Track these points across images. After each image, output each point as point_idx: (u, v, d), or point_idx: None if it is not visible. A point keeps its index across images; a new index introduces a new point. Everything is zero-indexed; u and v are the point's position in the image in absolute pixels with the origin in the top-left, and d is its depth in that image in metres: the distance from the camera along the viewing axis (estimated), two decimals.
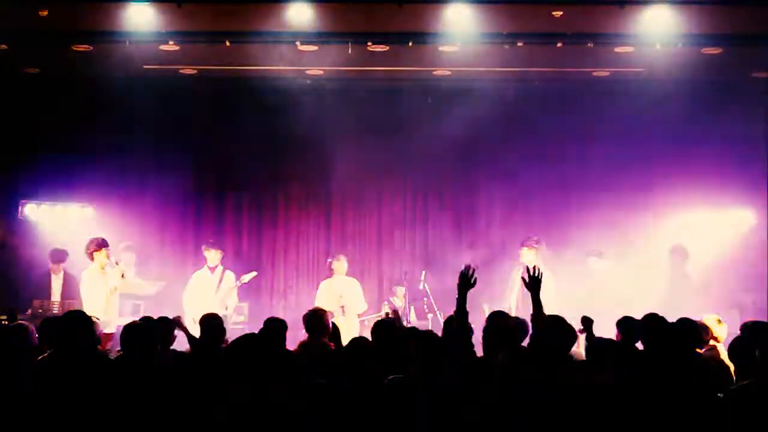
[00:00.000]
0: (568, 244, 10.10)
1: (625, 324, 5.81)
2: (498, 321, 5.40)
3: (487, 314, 5.63)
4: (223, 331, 6.11)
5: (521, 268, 9.14)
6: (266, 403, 4.24)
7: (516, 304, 9.08)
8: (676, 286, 9.32)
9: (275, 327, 5.92)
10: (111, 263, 8.87)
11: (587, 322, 5.82)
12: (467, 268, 5.21)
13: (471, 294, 5.23)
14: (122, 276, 8.86)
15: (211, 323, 6.13)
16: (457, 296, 5.20)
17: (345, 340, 5.65)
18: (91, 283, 8.78)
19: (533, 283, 5.27)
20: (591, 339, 5.55)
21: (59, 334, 5.21)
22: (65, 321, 5.35)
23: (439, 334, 5.47)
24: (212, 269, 9.75)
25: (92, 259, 8.82)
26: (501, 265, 10.06)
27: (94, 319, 5.86)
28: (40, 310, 8.58)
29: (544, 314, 5.14)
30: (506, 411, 4.52)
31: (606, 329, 5.94)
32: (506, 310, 6.98)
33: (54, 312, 8.47)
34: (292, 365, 4.80)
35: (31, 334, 5.34)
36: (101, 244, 8.82)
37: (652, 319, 5.71)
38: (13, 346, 5.19)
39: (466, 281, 5.19)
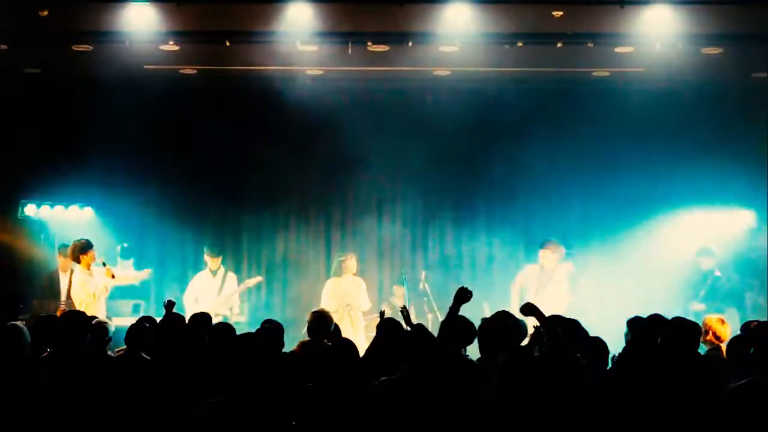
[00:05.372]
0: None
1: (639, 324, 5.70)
2: (494, 322, 5.50)
3: (487, 313, 5.64)
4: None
5: (530, 268, 9.26)
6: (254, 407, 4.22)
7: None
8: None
9: (272, 329, 5.85)
10: (98, 263, 8.86)
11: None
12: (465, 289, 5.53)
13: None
14: (112, 276, 8.84)
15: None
16: (451, 306, 5.45)
17: (354, 340, 5.62)
18: (80, 284, 8.77)
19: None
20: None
21: (58, 334, 5.21)
22: (65, 320, 5.36)
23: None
24: (213, 271, 9.76)
25: (79, 261, 8.82)
26: (502, 265, 10.03)
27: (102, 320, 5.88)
28: (41, 311, 8.55)
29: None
30: (503, 412, 4.51)
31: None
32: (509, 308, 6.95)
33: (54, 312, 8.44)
34: (288, 367, 4.79)
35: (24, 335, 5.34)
36: (86, 247, 8.82)
37: (654, 320, 5.68)
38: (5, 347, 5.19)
39: (462, 295, 5.47)
